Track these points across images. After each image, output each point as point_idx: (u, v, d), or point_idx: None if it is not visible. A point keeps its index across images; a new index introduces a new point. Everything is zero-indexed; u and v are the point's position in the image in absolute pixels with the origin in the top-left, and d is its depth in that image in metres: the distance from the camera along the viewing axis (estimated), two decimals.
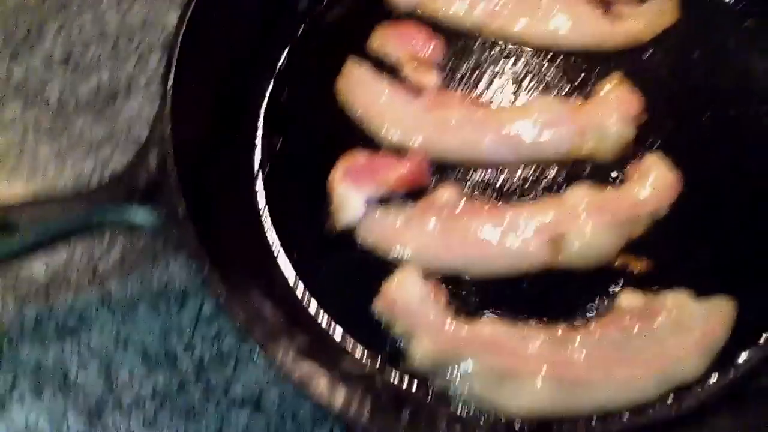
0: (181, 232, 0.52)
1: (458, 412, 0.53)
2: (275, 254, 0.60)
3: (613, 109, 0.63)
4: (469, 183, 0.62)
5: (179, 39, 0.58)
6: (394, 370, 0.55)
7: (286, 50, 0.69)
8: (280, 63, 0.68)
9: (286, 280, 0.59)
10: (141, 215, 0.54)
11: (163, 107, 0.55)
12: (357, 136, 0.64)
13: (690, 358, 0.54)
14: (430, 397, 0.54)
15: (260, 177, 0.63)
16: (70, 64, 0.72)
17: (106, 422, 0.58)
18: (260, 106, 0.66)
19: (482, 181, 0.62)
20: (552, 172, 0.62)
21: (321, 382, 0.51)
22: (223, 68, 0.63)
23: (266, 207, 0.62)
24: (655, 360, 0.54)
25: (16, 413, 0.59)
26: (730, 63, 0.66)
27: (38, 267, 0.63)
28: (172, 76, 0.56)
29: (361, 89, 0.66)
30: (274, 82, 0.67)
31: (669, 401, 0.53)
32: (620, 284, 0.57)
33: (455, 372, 0.54)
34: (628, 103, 0.63)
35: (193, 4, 0.59)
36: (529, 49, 0.67)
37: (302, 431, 0.57)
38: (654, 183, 0.60)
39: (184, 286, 0.62)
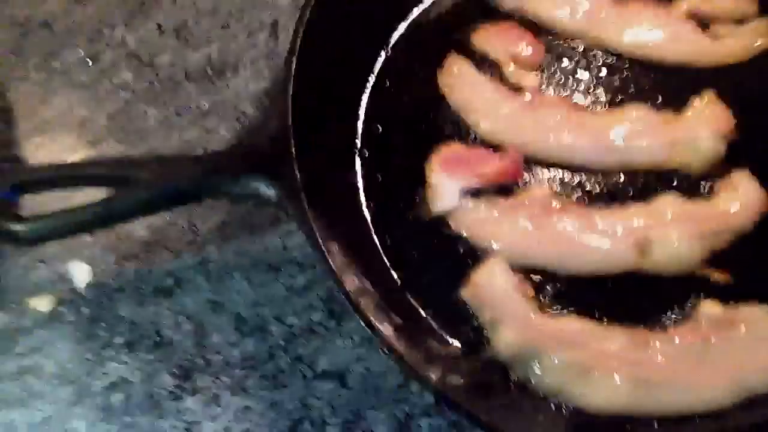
0: (295, 206, 0.54)
1: (538, 403, 0.55)
2: (371, 237, 0.62)
3: (705, 125, 0.64)
4: (560, 183, 0.64)
5: (305, 17, 0.60)
6: (477, 357, 0.57)
7: (392, 42, 0.70)
8: (386, 52, 0.70)
9: (379, 261, 0.61)
10: (256, 185, 0.56)
11: (287, 81, 0.58)
12: (455, 129, 0.66)
13: (766, 370, 0.56)
14: (511, 386, 0.56)
15: (359, 162, 0.65)
16: (181, 36, 0.74)
17: (195, 383, 0.61)
18: (363, 94, 0.68)
19: (573, 182, 0.64)
20: (641, 180, 0.63)
21: (416, 358, 0.53)
22: (335, 53, 0.64)
23: (364, 191, 0.64)
24: (731, 369, 0.56)
25: (110, 367, 0.62)
26: None
27: (139, 227, 0.66)
28: (297, 52, 0.59)
29: (461, 84, 0.68)
30: (377, 73, 0.69)
31: (744, 410, 0.55)
32: (701, 294, 0.59)
33: (537, 364, 0.56)
34: (721, 120, 0.64)
35: None
36: (626, 58, 0.68)
37: (383, 407, 0.60)
38: (741, 199, 0.61)
39: (278, 258, 0.65)
